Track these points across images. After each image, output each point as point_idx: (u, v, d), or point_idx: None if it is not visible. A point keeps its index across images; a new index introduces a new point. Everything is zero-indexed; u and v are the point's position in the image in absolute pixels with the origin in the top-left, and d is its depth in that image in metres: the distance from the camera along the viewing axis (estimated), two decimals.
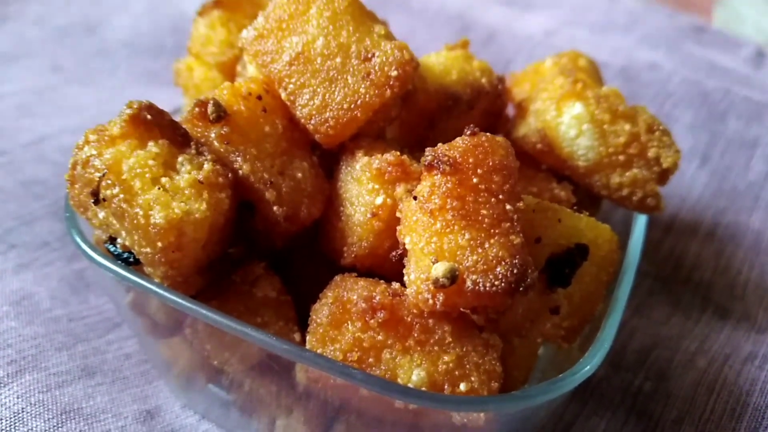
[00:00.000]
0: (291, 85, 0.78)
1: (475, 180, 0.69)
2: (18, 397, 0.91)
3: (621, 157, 0.90)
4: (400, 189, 0.76)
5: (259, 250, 0.82)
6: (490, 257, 0.67)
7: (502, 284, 0.66)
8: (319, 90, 0.77)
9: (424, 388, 0.69)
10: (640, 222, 0.95)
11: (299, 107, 0.78)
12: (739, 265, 1.28)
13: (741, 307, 1.21)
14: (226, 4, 0.95)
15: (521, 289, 0.66)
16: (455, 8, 1.97)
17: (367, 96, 0.76)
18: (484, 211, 0.68)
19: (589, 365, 0.71)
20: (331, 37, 0.77)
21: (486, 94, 0.93)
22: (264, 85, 0.79)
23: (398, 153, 0.77)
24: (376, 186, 0.76)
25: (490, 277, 0.66)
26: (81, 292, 1.11)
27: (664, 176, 0.91)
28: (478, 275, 0.66)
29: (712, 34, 1.97)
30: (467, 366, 0.70)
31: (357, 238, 0.77)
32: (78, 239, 0.77)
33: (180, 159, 0.71)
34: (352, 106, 0.77)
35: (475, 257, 0.67)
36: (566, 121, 0.90)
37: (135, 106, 0.71)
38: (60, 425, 0.89)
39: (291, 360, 0.71)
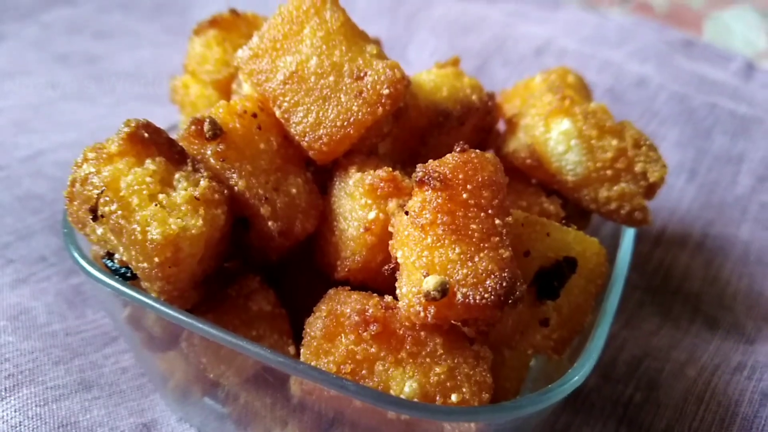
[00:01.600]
0: (285, 104, 0.80)
1: (464, 195, 0.71)
2: (16, 411, 0.92)
3: (608, 172, 0.92)
4: (392, 204, 0.78)
5: (253, 264, 0.84)
6: (480, 271, 0.68)
7: (492, 297, 0.67)
8: (312, 108, 0.79)
9: (416, 400, 0.70)
10: (628, 235, 0.97)
11: (293, 125, 0.80)
12: (728, 276, 1.30)
13: (730, 317, 1.22)
14: (222, 24, 0.97)
15: (510, 301, 0.68)
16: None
17: (360, 114, 0.78)
18: (473, 226, 0.70)
19: (577, 376, 0.72)
20: (324, 56, 0.79)
21: (476, 110, 0.95)
22: (259, 103, 0.81)
23: (390, 169, 0.79)
24: (369, 201, 0.78)
25: (480, 290, 0.68)
26: (78, 307, 1.12)
27: (651, 190, 0.93)
28: (468, 288, 0.68)
29: (701, 47, 2.00)
30: (458, 377, 0.71)
31: (350, 252, 0.79)
32: (76, 255, 0.79)
33: (177, 176, 0.73)
34: (345, 123, 0.79)
35: (465, 271, 0.68)
36: (555, 137, 0.92)
37: (133, 125, 0.73)
38: None
39: (285, 372, 0.72)
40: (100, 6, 2.14)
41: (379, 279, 0.79)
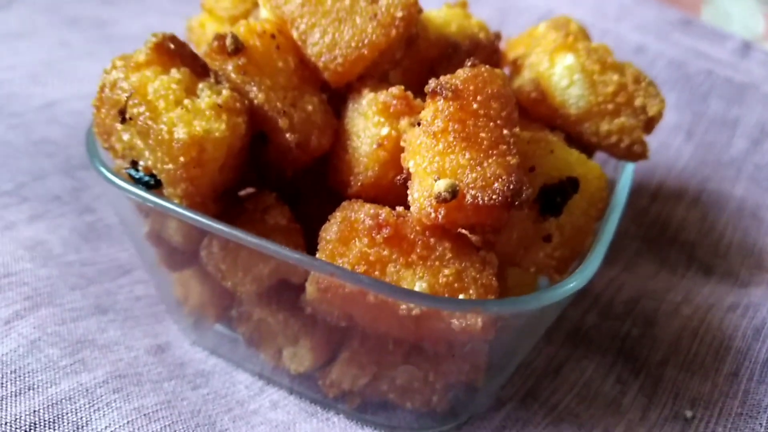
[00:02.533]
0: (303, 25, 0.83)
1: (474, 106, 0.74)
2: (35, 328, 0.95)
3: (609, 106, 0.96)
4: (404, 122, 0.81)
5: (270, 182, 0.87)
6: (488, 174, 0.72)
7: (500, 198, 0.71)
8: (329, 29, 0.83)
9: None
10: (628, 169, 1.01)
11: (310, 45, 0.83)
12: (722, 228, 1.34)
13: (724, 265, 1.27)
14: None
15: (517, 203, 0.72)
16: None
17: (374, 35, 0.82)
18: (483, 134, 0.74)
19: (576, 281, 0.76)
20: None
21: (483, 47, 0.98)
22: (277, 26, 0.85)
23: (402, 87, 0.82)
24: (382, 119, 0.82)
25: (489, 191, 0.71)
26: (92, 241, 1.15)
27: (650, 124, 0.97)
28: (477, 190, 0.71)
29: (699, 26, 2.04)
30: (466, 280, 0.75)
31: (363, 168, 0.82)
32: (100, 167, 0.82)
33: (200, 86, 0.76)
34: (360, 44, 0.82)
35: (474, 174, 0.72)
36: (558, 72, 0.96)
37: (159, 36, 0.76)
38: (75, 353, 0.93)
39: (303, 268, 0.75)
40: None
41: (390, 196, 0.83)
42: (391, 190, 0.83)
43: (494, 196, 0.71)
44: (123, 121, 0.73)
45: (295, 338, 0.93)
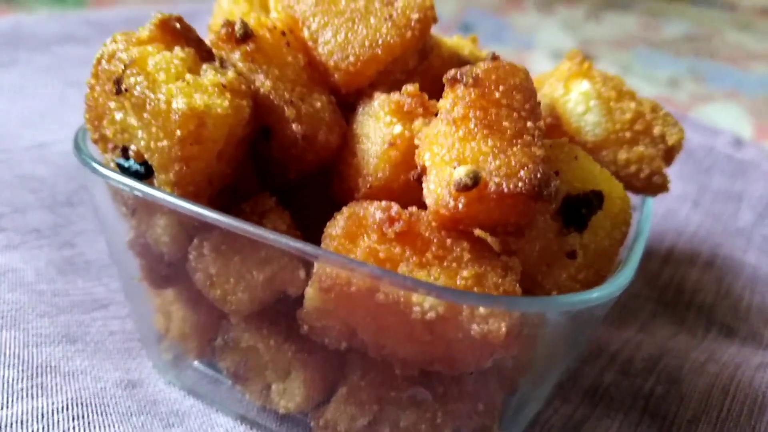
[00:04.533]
0: (314, 24, 0.80)
1: (496, 95, 0.70)
2: None
3: (627, 134, 0.91)
4: (418, 122, 0.76)
5: (270, 186, 0.80)
6: (513, 163, 0.66)
7: (526, 186, 0.65)
8: (341, 29, 0.80)
9: (441, 305, 0.65)
10: (648, 201, 0.95)
11: (321, 44, 0.80)
12: (740, 291, 1.27)
13: (746, 327, 1.18)
14: None
15: (545, 194, 0.65)
16: None
17: (389, 36, 0.79)
18: (506, 123, 0.69)
19: (613, 287, 0.68)
20: None
21: None
22: (287, 26, 0.82)
23: (417, 85, 0.78)
24: (395, 119, 0.77)
25: (514, 179, 0.65)
26: (68, 275, 1.06)
27: (669, 154, 0.93)
28: (502, 178, 0.65)
29: (691, 122, 2.07)
30: (486, 284, 0.67)
31: (373, 169, 0.76)
32: (86, 158, 0.75)
33: (204, 67, 0.71)
34: (374, 44, 0.79)
35: (497, 162, 0.66)
36: (574, 98, 0.93)
37: (166, 15, 0.72)
38: (34, 377, 0.81)
39: (305, 257, 0.67)
40: None
41: (400, 200, 0.76)
42: (402, 195, 0.76)
43: (520, 184, 0.65)
44: (118, 92, 0.67)
45: (287, 370, 0.82)
